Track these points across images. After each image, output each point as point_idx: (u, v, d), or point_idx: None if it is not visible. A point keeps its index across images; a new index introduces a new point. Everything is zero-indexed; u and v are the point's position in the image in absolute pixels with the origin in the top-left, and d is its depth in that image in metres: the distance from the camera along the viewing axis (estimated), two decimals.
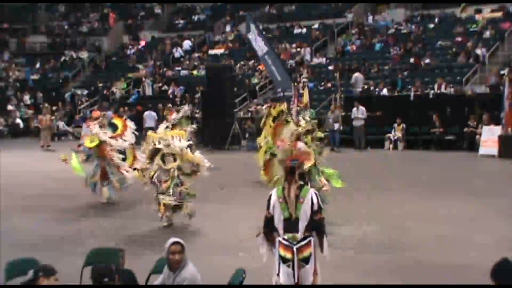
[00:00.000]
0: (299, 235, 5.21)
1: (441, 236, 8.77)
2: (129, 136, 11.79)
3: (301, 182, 5.35)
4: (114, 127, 11.83)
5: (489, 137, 17.57)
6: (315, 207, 5.21)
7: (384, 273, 7.22)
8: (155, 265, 5.56)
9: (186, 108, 11.71)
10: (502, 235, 8.58)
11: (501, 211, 10.17)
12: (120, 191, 11.60)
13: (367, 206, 10.85)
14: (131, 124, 12.09)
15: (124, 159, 11.75)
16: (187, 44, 32.71)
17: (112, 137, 11.55)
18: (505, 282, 3.96)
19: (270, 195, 5.36)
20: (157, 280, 5.12)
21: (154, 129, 22.80)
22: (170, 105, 24.92)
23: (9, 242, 8.32)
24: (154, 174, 9.56)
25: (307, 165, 8.63)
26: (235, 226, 9.52)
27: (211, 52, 31.17)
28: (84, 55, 34.74)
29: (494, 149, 17.18)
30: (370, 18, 29.86)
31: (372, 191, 12.29)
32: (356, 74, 22.62)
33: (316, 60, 27.57)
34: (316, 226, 5.26)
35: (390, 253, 8.05)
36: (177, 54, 32.13)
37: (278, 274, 5.31)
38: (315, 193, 5.30)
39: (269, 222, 5.35)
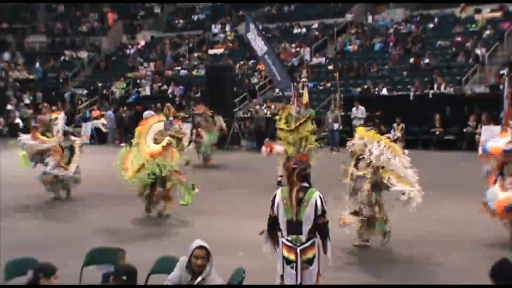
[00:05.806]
0: (303, 237, 5.18)
1: (441, 236, 8.78)
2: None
3: (306, 185, 5.28)
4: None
5: (489, 137, 17.54)
6: (319, 211, 5.18)
7: (384, 273, 7.22)
8: (155, 265, 5.56)
9: None
10: (502, 235, 8.58)
11: None
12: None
13: None
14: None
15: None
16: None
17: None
18: (505, 282, 3.97)
19: (275, 195, 5.33)
20: (170, 277, 4.92)
21: None
22: (169, 104, 24.99)
23: (9, 242, 8.31)
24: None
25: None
26: (235, 226, 9.52)
27: (211, 52, 31.18)
28: (83, 55, 34.73)
29: None
30: (370, 18, 29.84)
31: None
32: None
33: (315, 60, 27.56)
34: (320, 230, 5.24)
35: (390, 253, 8.05)
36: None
37: (282, 275, 5.30)
38: (320, 196, 5.23)
39: (272, 221, 5.34)
